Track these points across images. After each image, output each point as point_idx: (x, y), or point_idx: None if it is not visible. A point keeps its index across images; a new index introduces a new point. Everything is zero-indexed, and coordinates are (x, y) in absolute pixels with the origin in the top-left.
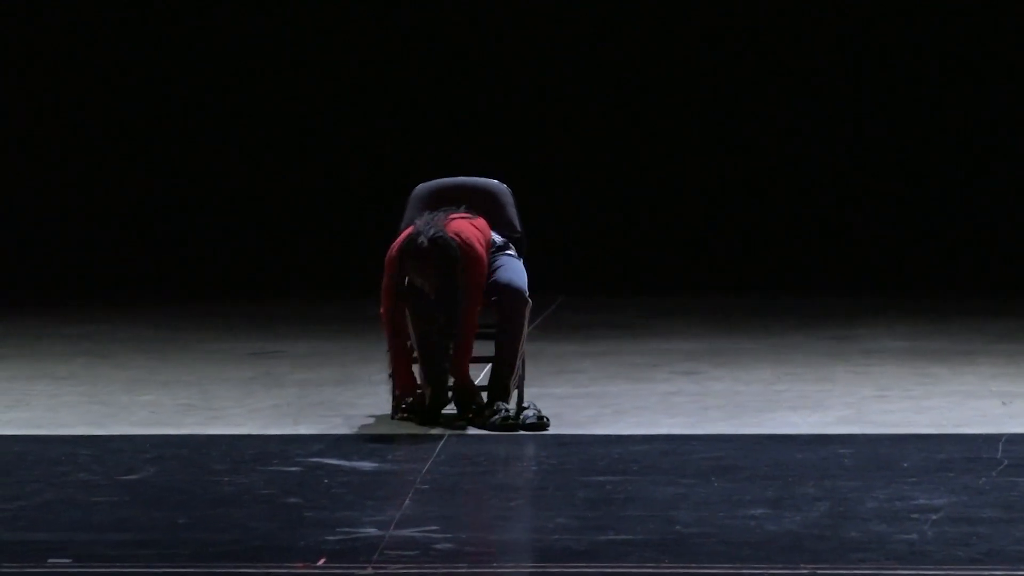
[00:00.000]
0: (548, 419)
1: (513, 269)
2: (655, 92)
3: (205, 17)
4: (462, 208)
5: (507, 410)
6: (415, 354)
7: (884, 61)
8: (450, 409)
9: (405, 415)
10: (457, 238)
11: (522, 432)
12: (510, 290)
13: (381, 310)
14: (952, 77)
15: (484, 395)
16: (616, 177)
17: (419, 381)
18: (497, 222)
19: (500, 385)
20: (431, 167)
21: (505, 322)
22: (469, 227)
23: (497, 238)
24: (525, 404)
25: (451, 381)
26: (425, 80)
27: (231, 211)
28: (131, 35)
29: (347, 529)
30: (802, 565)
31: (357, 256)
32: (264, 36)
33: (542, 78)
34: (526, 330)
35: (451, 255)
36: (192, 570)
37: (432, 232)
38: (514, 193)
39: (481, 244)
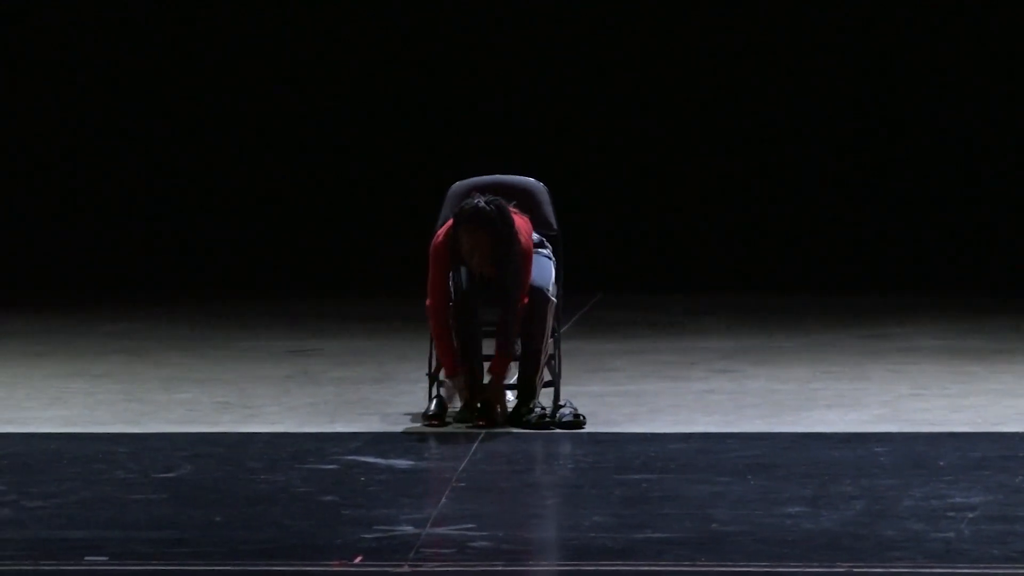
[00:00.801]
0: (584, 417)
1: (538, 267)
2: (692, 91)
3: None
4: (512, 203)
5: (543, 408)
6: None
7: (907, 52)
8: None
9: (435, 422)
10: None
11: (558, 430)
12: (531, 288)
13: (428, 302)
14: (980, 72)
15: (510, 394)
16: (653, 175)
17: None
18: (534, 220)
19: (527, 385)
20: (467, 165)
21: (528, 321)
22: (520, 221)
23: (534, 236)
24: (561, 402)
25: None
26: (460, 77)
27: (267, 210)
28: (176, 28)
29: (384, 527)
30: (839, 563)
31: (392, 254)
32: (290, 34)
33: (582, 74)
34: (550, 327)
35: (507, 219)
36: (228, 568)
37: (488, 197)
38: (550, 191)
39: (530, 241)
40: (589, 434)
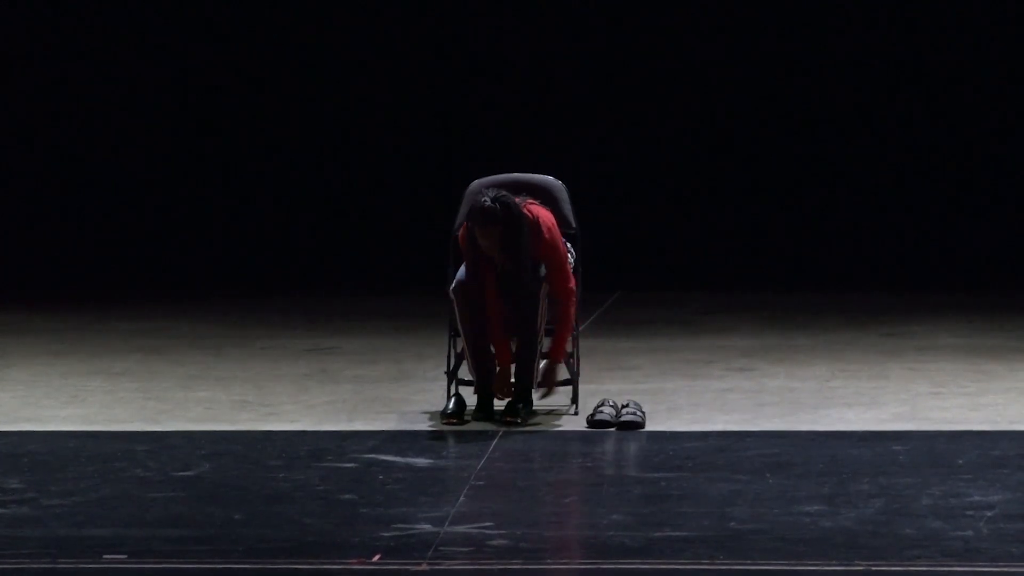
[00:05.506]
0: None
1: None
2: (709, 89)
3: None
4: (538, 201)
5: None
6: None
7: (929, 52)
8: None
9: (454, 421)
10: (528, 214)
11: (587, 428)
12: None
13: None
14: (997, 70)
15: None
16: (672, 173)
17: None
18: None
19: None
20: (486, 163)
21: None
22: (543, 213)
23: None
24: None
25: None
26: (480, 75)
27: (285, 208)
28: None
29: (402, 525)
30: (857, 562)
31: (409, 252)
32: (325, 34)
33: (600, 71)
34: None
35: (515, 212)
36: (247, 566)
37: (494, 193)
38: (569, 189)
39: (555, 228)
40: (607, 432)
